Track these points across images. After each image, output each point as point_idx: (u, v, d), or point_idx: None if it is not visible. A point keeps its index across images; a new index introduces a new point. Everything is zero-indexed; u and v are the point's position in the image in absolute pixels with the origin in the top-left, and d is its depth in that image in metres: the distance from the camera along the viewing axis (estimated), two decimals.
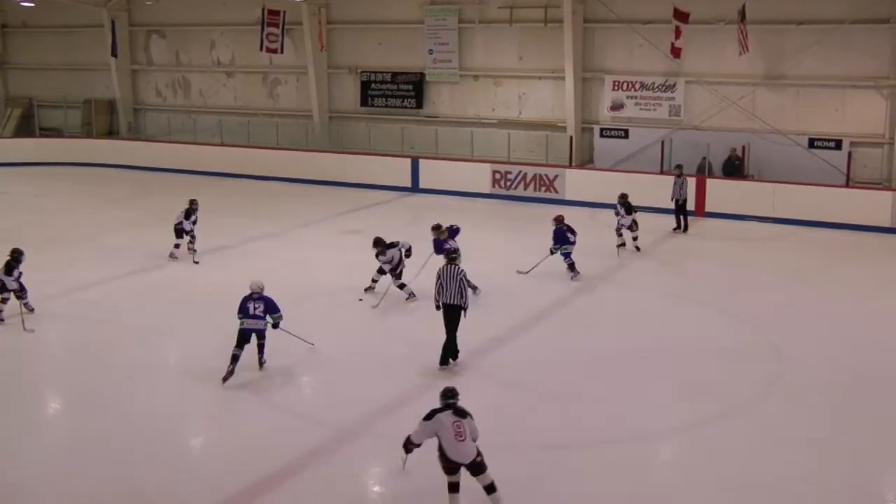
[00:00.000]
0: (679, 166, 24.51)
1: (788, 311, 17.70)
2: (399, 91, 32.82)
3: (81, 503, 10.55)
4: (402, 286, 17.91)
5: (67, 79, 39.63)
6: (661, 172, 27.14)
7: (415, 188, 30.30)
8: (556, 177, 28.09)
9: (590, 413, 12.88)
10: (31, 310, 16.96)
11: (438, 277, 14.14)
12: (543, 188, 28.16)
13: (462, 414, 10.04)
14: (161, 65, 38.14)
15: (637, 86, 29.10)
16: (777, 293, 18.87)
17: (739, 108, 27.89)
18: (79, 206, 28.73)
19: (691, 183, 25.20)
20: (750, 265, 21.35)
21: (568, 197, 27.67)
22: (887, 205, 24.36)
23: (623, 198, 21.57)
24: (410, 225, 26.16)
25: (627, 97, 29.26)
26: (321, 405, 13.39)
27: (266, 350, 14.19)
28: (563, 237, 19.22)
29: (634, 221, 21.52)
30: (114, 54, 36.81)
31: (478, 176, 29.21)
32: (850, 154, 26.35)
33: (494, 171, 29.01)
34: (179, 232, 21.12)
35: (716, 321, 17.12)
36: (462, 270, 14.15)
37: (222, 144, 34.88)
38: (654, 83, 28.89)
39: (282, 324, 14.25)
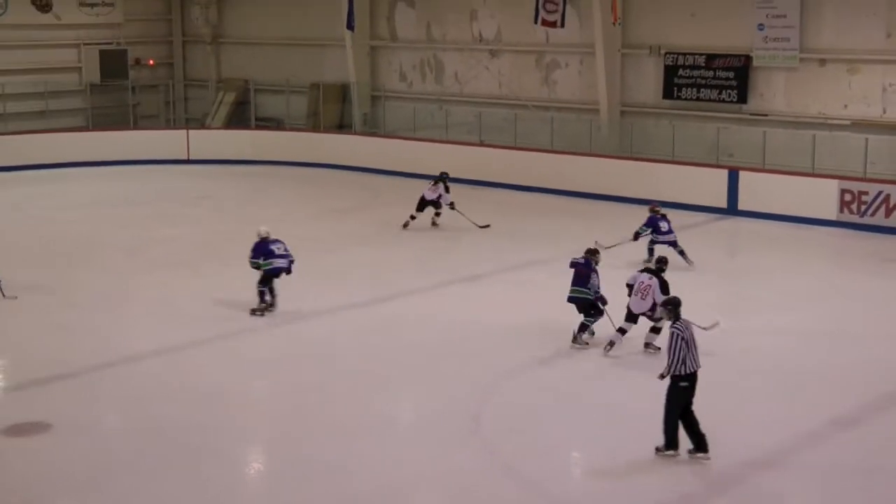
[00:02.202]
0: None
1: None
2: (716, 79, 32.39)
3: None
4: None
5: (291, 58, 41.02)
6: None
7: (731, 209, 30.13)
8: None
9: None
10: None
11: (680, 338, 13.62)
12: None
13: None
14: (408, 41, 38.96)
15: None
16: None
17: None
18: (294, 215, 29.46)
19: None
20: None
21: None
22: None
23: None
24: (723, 260, 26.38)
25: None
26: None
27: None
28: (654, 223, 23.46)
29: None
30: (350, 27, 37.75)
31: (820, 196, 28.70)
32: None
33: (844, 191, 28.39)
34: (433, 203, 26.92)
35: None
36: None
37: (482, 144, 35.50)
38: None
39: None
